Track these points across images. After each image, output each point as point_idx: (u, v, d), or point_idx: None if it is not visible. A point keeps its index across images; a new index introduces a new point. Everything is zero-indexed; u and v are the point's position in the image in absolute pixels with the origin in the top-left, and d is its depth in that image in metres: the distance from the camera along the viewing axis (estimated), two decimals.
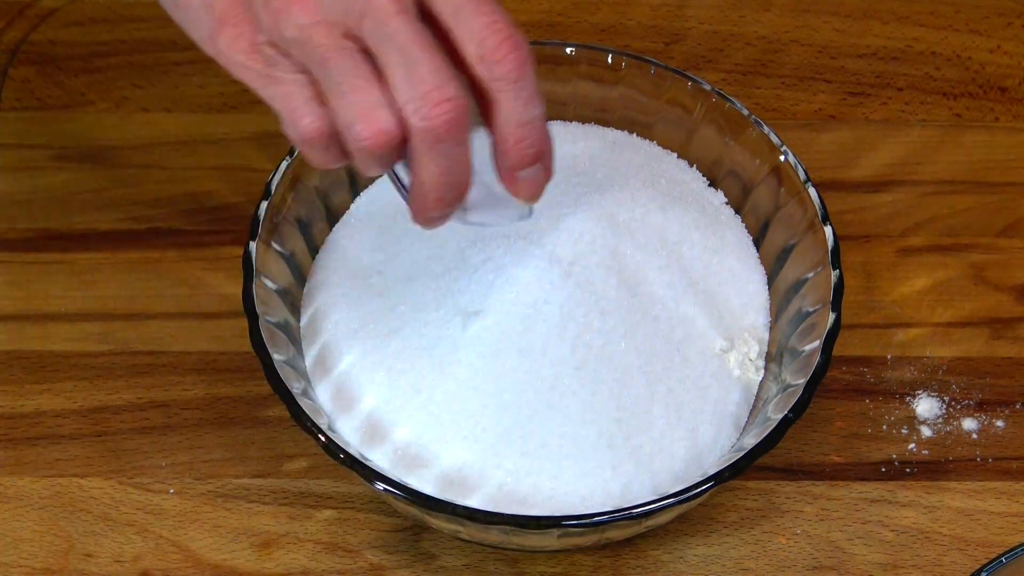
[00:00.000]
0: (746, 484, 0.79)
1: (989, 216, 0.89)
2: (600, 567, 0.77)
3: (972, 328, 0.85)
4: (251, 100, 0.92)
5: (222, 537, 0.78)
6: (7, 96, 0.93)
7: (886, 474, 0.80)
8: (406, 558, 0.77)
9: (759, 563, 0.77)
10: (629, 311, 0.76)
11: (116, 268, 0.86)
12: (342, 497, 0.79)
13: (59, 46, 0.95)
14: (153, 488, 0.79)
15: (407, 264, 0.78)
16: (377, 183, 0.83)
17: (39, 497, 0.79)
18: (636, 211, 0.79)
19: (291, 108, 0.66)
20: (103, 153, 0.91)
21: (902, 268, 0.87)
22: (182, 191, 0.89)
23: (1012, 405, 0.82)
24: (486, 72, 0.65)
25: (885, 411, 0.82)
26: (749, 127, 0.81)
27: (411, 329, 0.75)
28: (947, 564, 0.77)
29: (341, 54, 0.64)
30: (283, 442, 0.80)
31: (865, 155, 0.92)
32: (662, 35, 0.97)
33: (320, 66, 0.64)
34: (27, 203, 0.88)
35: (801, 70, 0.95)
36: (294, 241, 0.80)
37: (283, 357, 0.74)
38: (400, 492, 0.70)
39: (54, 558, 0.77)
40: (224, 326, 0.84)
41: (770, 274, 0.81)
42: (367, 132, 0.64)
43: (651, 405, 0.75)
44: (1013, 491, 0.80)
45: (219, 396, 0.82)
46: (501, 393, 0.74)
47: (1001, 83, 0.95)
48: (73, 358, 0.83)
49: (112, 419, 0.81)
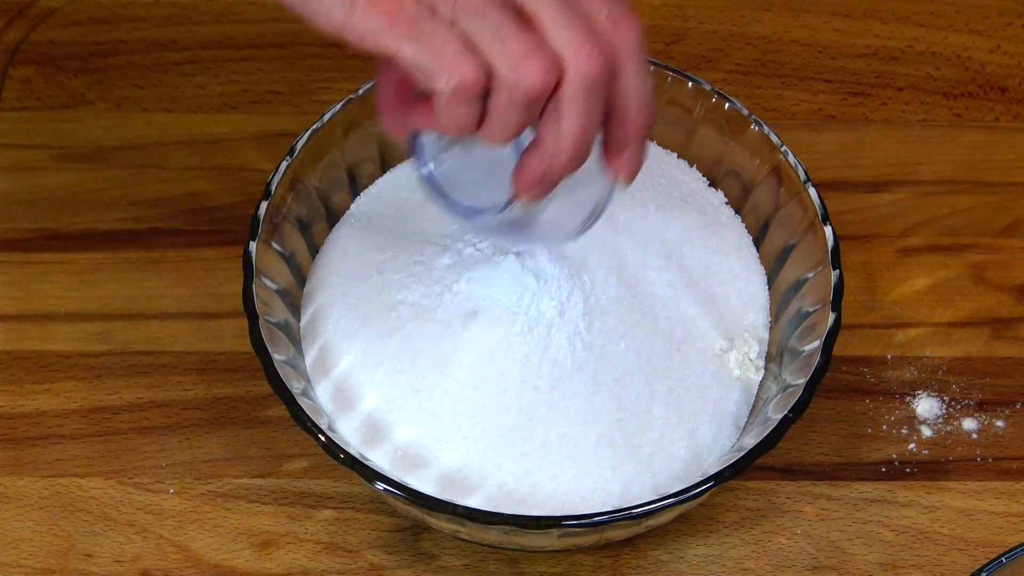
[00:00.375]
0: (746, 484, 0.79)
1: (989, 216, 0.89)
2: (600, 567, 0.77)
3: (972, 328, 0.85)
4: (251, 100, 0.93)
5: (222, 537, 0.78)
6: (7, 96, 0.93)
7: (886, 474, 0.80)
8: (406, 558, 0.77)
9: (759, 563, 0.77)
10: (629, 311, 0.76)
11: (116, 268, 0.86)
12: (342, 497, 0.79)
13: (59, 46, 0.95)
14: (153, 488, 0.79)
15: (407, 264, 0.78)
16: (377, 183, 0.83)
17: (39, 497, 0.79)
18: (636, 211, 0.79)
19: (442, 60, 0.64)
20: (103, 153, 0.91)
21: (902, 268, 0.87)
22: (182, 191, 0.89)
23: (1012, 405, 0.82)
24: (614, 37, 0.65)
25: (885, 411, 0.82)
26: (749, 127, 0.81)
27: (411, 329, 0.75)
28: (947, 564, 0.77)
29: (494, 5, 0.64)
30: (283, 442, 0.80)
31: (865, 155, 0.92)
32: (662, 35, 0.97)
33: (474, 16, 0.64)
34: (27, 203, 0.88)
35: (801, 70, 0.95)
36: (294, 241, 0.80)
37: (283, 357, 0.74)
38: (400, 492, 0.70)
39: (54, 558, 0.77)
40: (224, 326, 0.84)
41: (770, 274, 0.81)
42: (532, 72, 0.64)
43: (651, 405, 0.75)
44: (1013, 491, 0.80)
45: (219, 396, 0.82)
46: (501, 393, 0.74)
47: (1001, 83, 0.95)
48: (73, 358, 0.83)
49: (112, 419, 0.81)
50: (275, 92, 0.93)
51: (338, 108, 0.80)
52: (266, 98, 0.93)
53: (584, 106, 0.65)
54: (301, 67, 0.94)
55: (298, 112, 0.92)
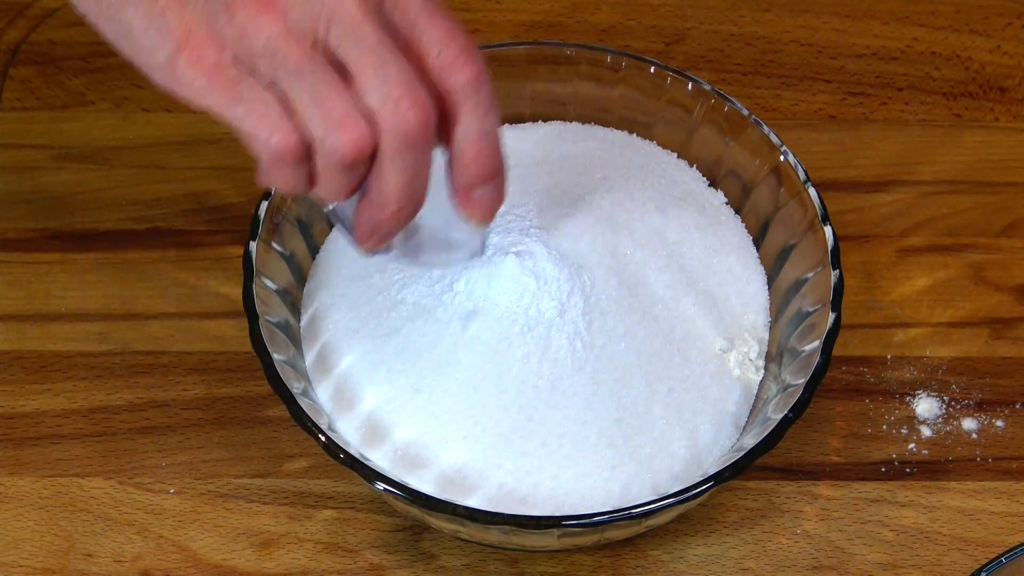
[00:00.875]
0: (746, 484, 0.79)
1: (989, 216, 0.89)
2: (600, 567, 0.77)
3: (972, 328, 0.85)
4: None
5: (222, 537, 0.78)
6: (7, 96, 0.93)
7: (886, 474, 0.80)
8: (406, 558, 0.77)
9: (759, 563, 0.77)
10: (629, 311, 0.76)
11: (116, 268, 0.86)
12: (342, 497, 0.79)
13: (59, 46, 0.95)
14: (153, 488, 0.79)
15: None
16: None
17: (39, 497, 0.79)
18: (636, 211, 0.79)
19: (262, 124, 0.64)
20: (103, 153, 0.91)
21: (902, 268, 0.87)
22: (182, 191, 0.89)
23: (1012, 405, 0.82)
24: (447, 80, 0.65)
25: (885, 411, 0.82)
26: (749, 127, 0.81)
27: (411, 329, 0.75)
28: (947, 564, 0.77)
29: (312, 64, 0.63)
30: (283, 442, 0.80)
31: (865, 155, 0.92)
32: (662, 35, 0.97)
33: (292, 77, 0.63)
34: (27, 203, 0.88)
35: (801, 70, 0.95)
36: (294, 241, 0.80)
37: (283, 357, 0.74)
38: (400, 492, 0.70)
39: (54, 558, 0.77)
40: (224, 326, 0.84)
41: (770, 274, 0.81)
42: (345, 140, 0.63)
43: (651, 405, 0.75)
44: (1013, 491, 0.80)
45: (219, 396, 0.82)
46: (501, 393, 0.74)
47: (1001, 83, 0.95)
48: (73, 358, 0.83)
49: (112, 419, 0.81)
50: None
51: None
52: None
53: (403, 160, 0.64)
54: None
55: None
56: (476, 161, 0.66)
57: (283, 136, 0.64)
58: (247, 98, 0.64)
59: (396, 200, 0.66)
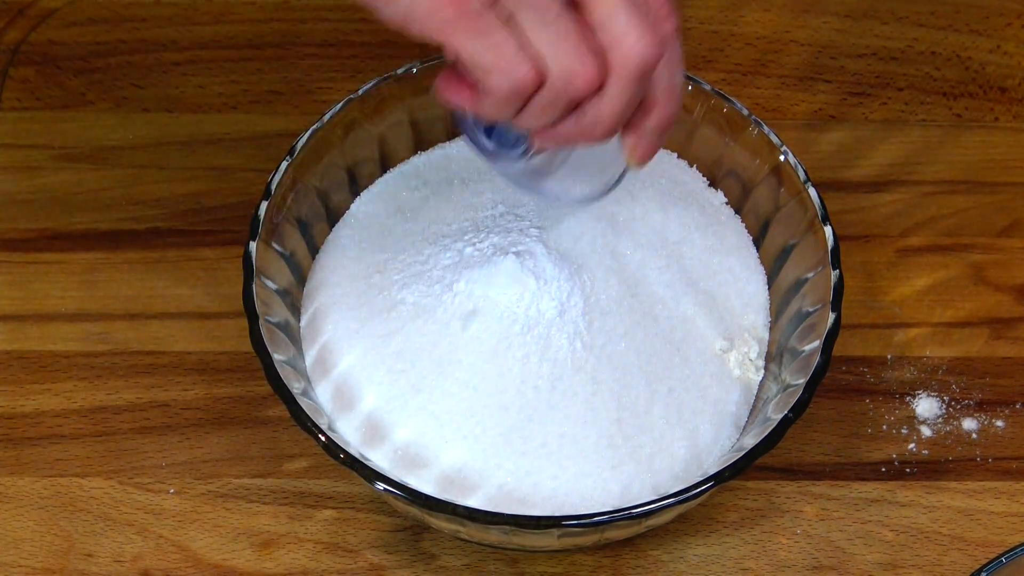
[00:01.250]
0: (746, 484, 0.79)
1: (989, 216, 0.89)
2: (600, 567, 0.77)
3: (972, 328, 0.85)
4: (251, 100, 0.93)
5: (222, 537, 0.78)
6: (7, 96, 0.93)
7: (886, 474, 0.80)
8: (406, 558, 0.77)
9: (759, 563, 0.77)
10: (629, 311, 0.76)
11: (116, 268, 0.86)
12: (342, 497, 0.79)
13: (59, 46, 0.95)
14: (153, 488, 0.79)
15: (407, 264, 0.78)
16: (377, 183, 0.83)
17: (39, 497, 0.79)
18: (636, 211, 0.79)
19: (502, 60, 0.65)
20: (103, 153, 0.91)
21: (902, 268, 0.87)
22: (182, 191, 0.89)
23: (1012, 405, 0.82)
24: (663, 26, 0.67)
25: (885, 411, 0.82)
26: (749, 127, 0.81)
27: (411, 329, 0.75)
28: (947, 564, 0.77)
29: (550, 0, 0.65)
30: (283, 442, 0.80)
31: (865, 155, 0.92)
32: None
33: (534, 12, 0.64)
34: (27, 203, 0.88)
35: (801, 70, 0.95)
36: (294, 241, 0.80)
37: (283, 357, 0.74)
38: (400, 492, 0.70)
39: (54, 558, 0.77)
40: (224, 326, 0.84)
41: (770, 274, 0.81)
42: (582, 77, 0.65)
43: (651, 405, 0.75)
44: (1013, 491, 0.80)
45: (219, 396, 0.82)
46: (501, 393, 0.74)
47: (1001, 83, 0.95)
48: (73, 358, 0.83)
49: (112, 419, 0.81)
50: (275, 92, 0.93)
51: (338, 108, 0.80)
52: (266, 98, 0.93)
53: (632, 90, 0.66)
54: (301, 67, 0.94)
55: (298, 112, 0.92)
56: (663, 109, 0.69)
57: (527, 69, 0.65)
58: (488, 32, 0.65)
59: (605, 122, 0.67)
